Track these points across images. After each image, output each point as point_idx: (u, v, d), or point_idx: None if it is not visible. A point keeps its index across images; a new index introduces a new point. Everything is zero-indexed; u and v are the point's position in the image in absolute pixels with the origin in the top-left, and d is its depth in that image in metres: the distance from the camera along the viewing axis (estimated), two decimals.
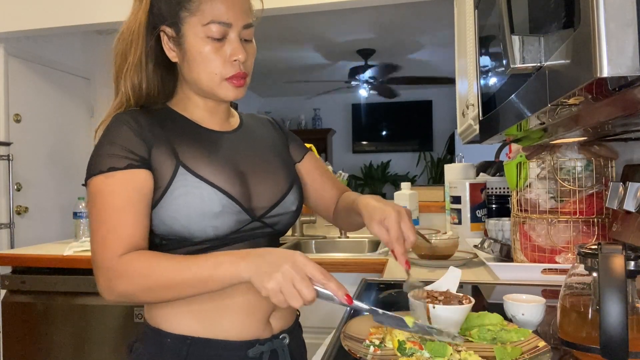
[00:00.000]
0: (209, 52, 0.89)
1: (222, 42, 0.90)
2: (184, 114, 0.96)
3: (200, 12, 0.88)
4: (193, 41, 0.89)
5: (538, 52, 0.68)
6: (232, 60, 0.90)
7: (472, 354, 0.72)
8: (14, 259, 2.10)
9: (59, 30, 3.03)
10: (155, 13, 0.91)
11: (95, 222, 0.84)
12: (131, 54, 0.92)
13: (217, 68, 0.90)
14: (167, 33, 0.91)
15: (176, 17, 0.90)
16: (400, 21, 4.38)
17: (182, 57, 0.91)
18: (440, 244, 1.60)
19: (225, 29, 0.89)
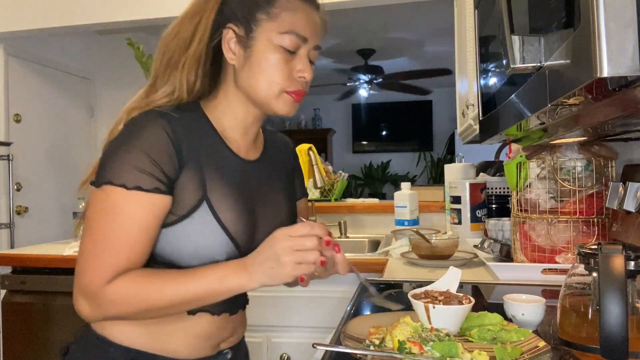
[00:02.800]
0: (278, 62, 0.84)
1: (292, 55, 0.86)
2: (217, 125, 0.89)
3: (281, 19, 0.84)
4: (264, 46, 0.84)
5: (538, 52, 0.68)
6: (298, 76, 0.86)
7: (481, 352, 0.72)
8: (14, 259, 2.10)
9: (59, 30, 3.03)
10: (225, 10, 0.86)
11: (96, 237, 0.77)
12: (193, 46, 0.85)
13: (281, 79, 0.85)
14: (235, 32, 0.85)
15: (251, 18, 0.85)
16: (400, 21, 4.38)
17: (244, 60, 0.86)
18: (440, 244, 1.60)
19: (300, 43, 0.85)
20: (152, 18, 2.85)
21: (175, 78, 0.86)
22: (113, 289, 0.76)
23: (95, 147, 4.28)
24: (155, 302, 0.77)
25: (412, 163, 7.52)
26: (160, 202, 0.79)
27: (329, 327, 1.06)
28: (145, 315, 0.80)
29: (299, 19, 0.85)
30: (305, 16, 0.86)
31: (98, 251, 0.77)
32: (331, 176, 2.94)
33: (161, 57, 0.88)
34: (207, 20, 0.85)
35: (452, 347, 0.73)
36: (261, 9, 0.85)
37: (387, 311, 0.97)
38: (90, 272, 0.77)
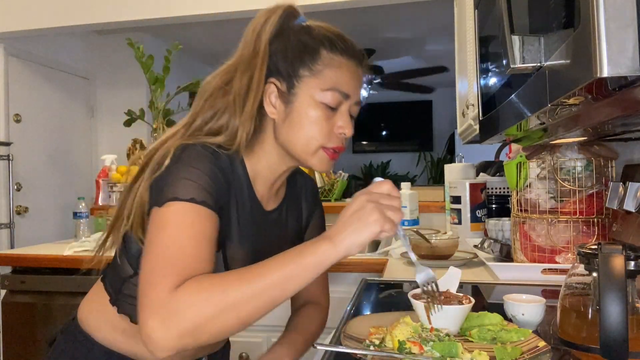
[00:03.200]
0: (319, 119, 0.84)
1: (334, 111, 0.85)
2: (250, 172, 0.89)
3: (323, 76, 0.84)
4: (305, 103, 0.84)
5: (538, 52, 0.68)
6: (339, 132, 0.86)
7: (481, 352, 0.72)
8: (14, 259, 2.10)
9: (59, 30, 3.04)
10: (269, 65, 0.86)
11: (164, 249, 0.71)
12: (248, 104, 0.84)
13: (320, 136, 0.84)
14: (277, 87, 0.86)
15: (294, 74, 0.85)
16: (401, 21, 4.38)
17: (285, 115, 0.85)
18: (440, 244, 1.60)
19: (342, 99, 0.85)
20: (152, 18, 2.86)
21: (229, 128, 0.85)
22: (185, 289, 0.67)
23: (95, 147, 4.28)
24: (235, 294, 0.67)
25: (412, 163, 7.52)
26: (217, 224, 0.79)
27: (329, 327, 1.06)
28: (229, 316, 0.67)
29: (342, 75, 0.85)
30: (348, 72, 0.86)
31: (163, 263, 0.70)
32: (331, 176, 2.95)
33: (205, 103, 0.87)
34: (260, 77, 0.84)
35: (452, 348, 0.73)
36: (304, 65, 0.84)
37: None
38: (156, 284, 0.68)
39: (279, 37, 0.87)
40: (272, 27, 0.87)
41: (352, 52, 0.87)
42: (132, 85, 4.25)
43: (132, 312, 0.87)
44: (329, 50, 0.85)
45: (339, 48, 0.86)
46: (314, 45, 0.85)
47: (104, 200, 2.60)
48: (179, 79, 3.40)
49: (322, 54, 0.85)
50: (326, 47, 0.85)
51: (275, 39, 0.87)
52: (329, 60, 0.85)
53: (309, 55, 0.85)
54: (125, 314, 0.89)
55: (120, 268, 0.90)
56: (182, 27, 3.88)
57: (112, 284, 0.92)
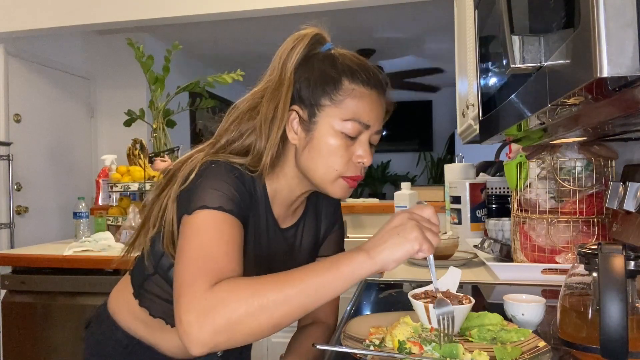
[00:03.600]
0: (338, 148, 0.86)
1: (353, 141, 0.87)
2: (269, 193, 0.92)
3: (344, 106, 0.85)
4: (325, 131, 0.86)
5: (538, 52, 0.68)
6: (357, 161, 0.88)
7: (481, 353, 0.72)
8: (14, 259, 2.10)
9: (59, 30, 3.04)
10: (293, 92, 0.88)
11: (196, 253, 0.74)
12: (274, 130, 0.86)
13: (339, 165, 0.86)
14: (299, 114, 0.88)
15: (315, 103, 0.87)
16: (400, 21, 4.38)
17: (306, 143, 0.87)
18: (440, 244, 1.60)
19: (362, 129, 0.87)
20: (152, 18, 2.86)
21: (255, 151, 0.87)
22: (221, 288, 0.69)
23: (95, 147, 4.28)
24: (270, 296, 0.68)
25: (412, 163, 7.52)
26: (242, 232, 0.81)
27: None
28: (261, 317, 0.68)
29: (364, 106, 0.86)
30: (370, 102, 0.87)
31: (196, 265, 0.72)
32: None
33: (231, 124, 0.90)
34: (285, 104, 0.87)
35: (453, 348, 0.73)
36: (326, 95, 0.86)
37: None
38: (191, 283, 0.70)
39: (304, 65, 0.89)
40: (298, 55, 0.89)
41: (374, 83, 0.88)
42: (132, 85, 4.25)
43: (152, 307, 0.94)
44: (351, 81, 0.86)
45: (360, 78, 0.87)
46: (336, 75, 0.86)
47: (104, 200, 2.60)
48: (179, 79, 3.41)
49: (344, 84, 0.86)
50: (348, 77, 0.86)
51: (300, 67, 0.89)
52: (350, 90, 0.86)
53: (331, 85, 0.86)
54: (145, 307, 0.95)
55: (143, 266, 0.95)
56: (182, 27, 3.88)
57: (135, 278, 0.98)
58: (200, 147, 0.91)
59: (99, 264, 1.99)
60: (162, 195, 0.88)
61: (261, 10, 2.76)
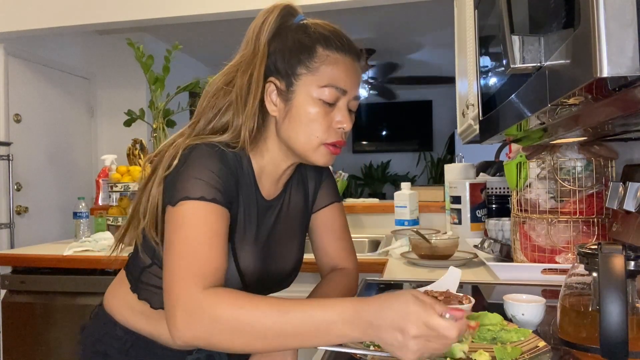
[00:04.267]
0: (317, 115, 0.87)
1: (332, 107, 0.88)
2: (255, 168, 0.93)
3: (320, 73, 0.87)
4: (303, 100, 0.87)
5: (538, 52, 0.68)
6: (337, 127, 0.89)
7: (482, 352, 0.72)
8: (14, 259, 2.09)
9: (59, 30, 3.04)
10: (268, 64, 0.89)
11: (183, 247, 0.77)
12: (249, 102, 0.87)
13: (320, 132, 0.87)
14: (276, 86, 0.89)
15: (291, 72, 0.88)
16: (400, 21, 4.38)
17: (285, 113, 0.89)
18: (440, 244, 1.60)
19: (339, 95, 0.88)
20: (152, 18, 2.85)
21: (232, 126, 0.88)
22: (214, 290, 0.73)
23: (95, 147, 4.28)
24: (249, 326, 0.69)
25: (412, 163, 7.52)
26: (228, 218, 0.83)
27: None
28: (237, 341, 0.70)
29: (339, 71, 0.87)
30: (345, 68, 0.88)
31: (183, 260, 0.76)
32: None
33: (208, 103, 0.91)
34: (259, 75, 0.88)
35: (454, 349, 0.73)
36: (301, 64, 0.87)
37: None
38: (180, 281, 0.74)
39: (277, 37, 0.90)
40: (270, 26, 0.90)
41: (348, 48, 0.89)
42: (132, 85, 4.25)
43: (152, 298, 0.93)
44: (325, 48, 0.87)
45: (334, 45, 0.88)
46: (309, 44, 0.87)
47: (104, 200, 2.60)
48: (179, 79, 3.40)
49: (318, 51, 0.87)
50: (322, 45, 0.87)
51: (274, 39, 0.90)
52: (325, 57, 0.87)
53: (306, 53, 0.87)
54: (145, 300, 0.94)
55: (139, 258, 0.95)
56: (182, 27, 3.88)
57: (132, 272, 0.98)
58: (181, 131, 0.92)
59: (99, 264, 1.99)
60: (149, 185, 0.88)
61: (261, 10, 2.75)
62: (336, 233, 1.09)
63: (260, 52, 0.88)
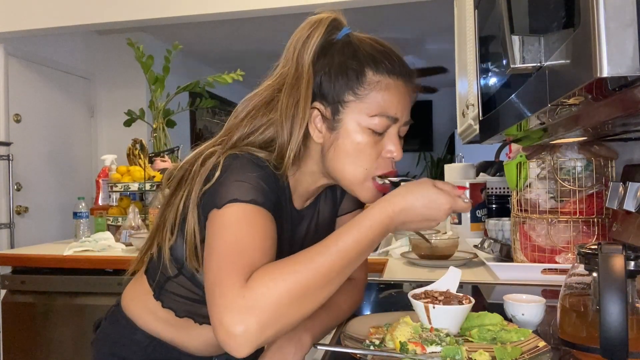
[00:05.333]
0: (366, 145, 0.80)
1: (382, 136, 0.82)
2: (291, 183, 0.87)
3: (370, 101, 0.80)
4: (351, 129, 0.80)
5: (538, 52, 0.68)
6: (388, 156, 0.83)
7: (482, 352, 0.72)
8: (14, 259, 2.10)
9: (59, 30, 3.04)
10: (313, 87, 0.82)
11: (223, 249, 0.70)
12: (296, 128, 0.80)
13: (368, 163, 0.81)
14: (321, 112, 0.82)
15: (338, 99, 0.80)
16: (400, 21, 4.38)
17: (331, 142, 0.82)
18: (440, 244, 1.60)
19: (390, 123, 0.81)
20: (152, 18, 2.85)
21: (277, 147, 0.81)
22: (255, 280, 0.65)
23: (95, 147, 4.28)
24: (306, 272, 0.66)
25: (412, 163, 7.52)
26: (275, 224, 0.76)
27: None
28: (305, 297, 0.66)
29: (391, 98, 0.80)
30: (397, 94, 0.81)
31: (229, 260, 0.68)
32: None
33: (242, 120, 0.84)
34: (306, 101, 0.80)
35: (455, 351, 0.73)
36: (349, 90, 0.80)
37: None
38: (225, 281, 0.66)
39: (322, 57, 0.82)
40: (316, 44, 0.82)
41: (399, 70, 0.82)
42: (132, 85, 4.25)
43: (177, 308, 0.90)
44: (375, 71, 0.80)
45: (385, 67, 0.81)
46: (358, 67, 0.80)
47: (104, 200, 2.60)
48: (179, 79, 3.41)
49: (368, 75, 0.80)
50: (372, 68, 0.80)
51: (318, 59, 0.82)
52: (375, 83, 0.80)
53: (354, 78, 0.80)
54: (170, 309, 0.91)
55: (164, 267, 0.88)
56: (182, 27, 3.88)
57: (154, 279, 0.92)
58: (209, 144, 0.84)
59: (99, 264, 1.99)
60: (176, 200, 0.82)
61: (261, 10, 2.76)
62: None
63: (306, 75, 0.80)
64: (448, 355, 0.73)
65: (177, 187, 0.83)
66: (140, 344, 0.94)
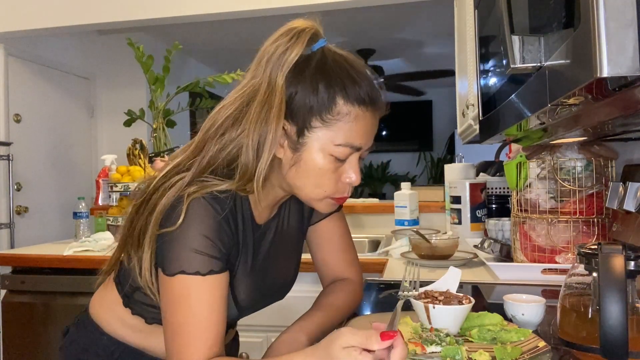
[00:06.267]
0: (327, 170, 0.81)
1: (343, 162, 0.82)
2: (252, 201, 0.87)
3: (337, 130, 0.79)
4: (314, 154, 0.80)
5: (538, 52, 0.68)
6: (346, 181, 0.84)
7: (482, 352, 0.72)
8: (14, 259, 2.09)
9: (59, 30, 3.04)
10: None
11: (183, 320, 0.76)
12: (266, 150, 0.79)
13: (328, 187, 0.82)
14: (286, 131, 0.80)
15: (305, 123, 0.79)
16: (400, 21, 4.38)
17: (293, 162, 0.82)
18: (440, 244, 1.60)
19: (353, 151, 0.82)
20: (152, 18, 2.85)
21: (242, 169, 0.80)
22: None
23: (95, 147, 4.28)
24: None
25: (412, 163, 7.52)
26: (227, 277, 0.81)
27: None
28: None
29: (357, 129, 0.80)
30: (364, 125, 0.81)
31: (181, 337, 0.76)
32: None
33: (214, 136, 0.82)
34: (277, 127, 0.78)
35: (455, 351, 0.73)
36: (316, 116, 0.79)
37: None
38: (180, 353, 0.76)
39: (296, 75, 0.80)
40: (292, 60, 0.80)
41: (369, 99, 0.81)
42: (132, 85, 4.25)
43: (146, 315, 0.91)
44: (346, 101, 0.79)
45: (355, 96, 0.79)
46: (328, 95, 0.79)
47: (104, 200, 2.60)
48: (179, 79, 3.41)
49: (338, 105, 0.79)
50: (343, 97, 0.79)
51: (291, 74, 0.80)
52: (345, 114, 0.79)
53: (324, 104, 0.79)
54: (139, 315, 0.92)
55: (132, 278, 0.89)
56: (182, 27, 3.88)
57: (124, 288, 0.93)
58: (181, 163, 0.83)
59: (99, 264, 1.98)
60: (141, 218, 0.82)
61: (261, 10, 2.76)
62: (336, 244, 1.06)
63: (279, 92, 0.78)
64: (448, 355, 0.73)
65: (141, 204, 0.83)
66: (107, 349, 0.94)
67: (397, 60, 5.62)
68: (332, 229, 1.06)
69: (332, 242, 1.05)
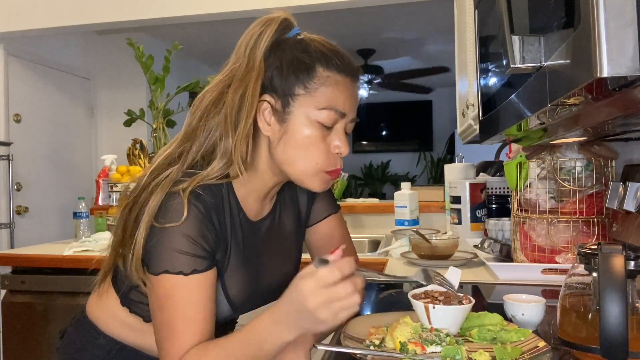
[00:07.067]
0: (315, 138, 0.83)
1: (329, 130, 0.84)
2: (238, 192, 0.88)
3: (319, 94, 0.82)
4: (301, 122, 0.83)
5: (538, 52, 0.68)
6: (335, 152, 0.86)
7: (482, 352, 0.72)
8: (14, 259, 2.09)
9: (59, 30, 3.04)
10: (263, 81, 0.83)
11: (170, 319, 0.78)
12: (241, 124, 0.81)
13: (320, 157, 0.84)
14: (271, 104, 0.84)
15: (289, 92, 0.83)
16: (401, 21, 4.38)
17: (280, 135, 0.84)
18: (440, 244, 1.60)
19: (338, 117, 0.84)
20: (152, 18, 2.85)
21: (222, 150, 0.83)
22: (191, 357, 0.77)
23: (95, 147, 4.28)
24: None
25: (412, 163, 7.52)
26: (213, 274, 0.82)
27: None
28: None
29: (339, 93, 0.83)
30: (345, 90, 0.84)
31: (166, 330, 0.79)
32: None
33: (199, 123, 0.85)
34: (254, 93, 0.82)
35: (455, 351, 0.73)
36: (299, 83, 0.82)
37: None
38: (167, 348, 0.79)
39: (274, 53, 0.85)
40: (268, 40, 0.84)
41: (348, 69, 0.85)
42: (132, 85, 4.25)
43: (144, 314, 0.91)
44: (325, 68, 0.83)
45: (335, 65, 0.84)
46: (309, 62, 0.83)
47: (104, 200, 2.60)
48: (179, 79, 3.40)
49: (318, 71, 0.83)
50: (322, 64, 0.83)
51: (270, 54, 0.84)
52: (325, 78, 0.83)
53: (305, 72, 0.82)
54: (136, 314, 0.92)
55: (127, 277, 0.89)
56: (182, 27, 3.88)
57: (120, 288, 0.95)
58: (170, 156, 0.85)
59: (99, 264, 1.98)
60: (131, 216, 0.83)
61: (261, 10, 2.75)
62: (336, 245, 1.07)
63: (257, 68, 0.82)
64: (448, 355, 0.73)
65: (133, 203, 0.84)
66: (104, 349, 0.95)
67: (397, 60, 5.62)
68: (331, 230, 1.06)
69: (332, 244, 1.06)
